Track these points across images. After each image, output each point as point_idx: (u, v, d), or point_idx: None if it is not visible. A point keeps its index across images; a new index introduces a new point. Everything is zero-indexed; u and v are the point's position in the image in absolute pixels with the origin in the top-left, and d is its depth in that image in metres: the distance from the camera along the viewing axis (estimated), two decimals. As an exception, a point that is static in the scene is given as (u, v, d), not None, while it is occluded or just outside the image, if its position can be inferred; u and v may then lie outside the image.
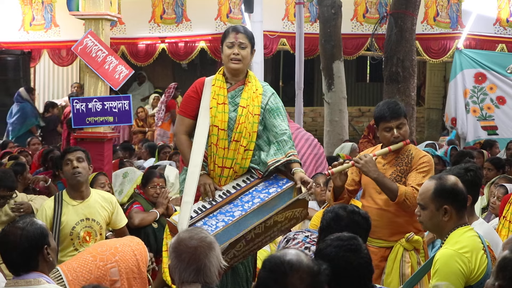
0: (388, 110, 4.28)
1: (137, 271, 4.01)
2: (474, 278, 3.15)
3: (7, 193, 5.12)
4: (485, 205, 6.16)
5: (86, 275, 3.88)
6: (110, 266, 3.95)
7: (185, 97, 4.37)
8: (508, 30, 12.24)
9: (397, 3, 9.67)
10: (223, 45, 4.30)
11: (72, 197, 4.80)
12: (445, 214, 3.24)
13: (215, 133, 4.15)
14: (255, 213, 3.94)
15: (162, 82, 15.89)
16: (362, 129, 13.51)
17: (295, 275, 2.39)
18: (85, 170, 4.79)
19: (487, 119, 11.48)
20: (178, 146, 4.42)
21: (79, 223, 4.75)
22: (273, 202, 4.00)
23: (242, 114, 4.17)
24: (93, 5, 6.58)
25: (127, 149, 9.29)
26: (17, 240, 3.10)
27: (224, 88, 4.25)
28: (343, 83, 10.33)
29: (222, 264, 2.85)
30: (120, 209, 5.09)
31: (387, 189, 4.16)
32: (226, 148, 4.15)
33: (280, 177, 4.17)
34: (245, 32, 4.30)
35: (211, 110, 4.18)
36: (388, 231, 4.26)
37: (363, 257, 2.87)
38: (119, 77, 6.60)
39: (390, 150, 4.27)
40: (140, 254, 4.12)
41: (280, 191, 4.04)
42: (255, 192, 4.09)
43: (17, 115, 11.74)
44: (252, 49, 4.33)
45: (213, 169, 4.18)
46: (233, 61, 4.23)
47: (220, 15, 12.10)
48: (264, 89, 4.31)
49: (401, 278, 4.18)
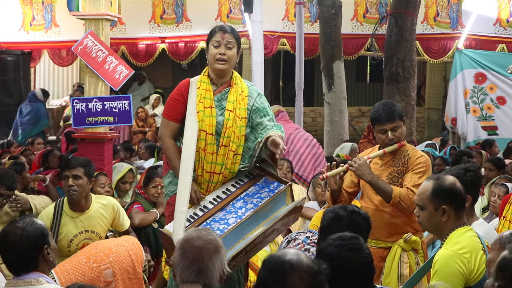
0: (383, 112, 4.27)
1: (132, 271, 4.00)
2: (474, 279, 3.15)
3: (6, 192, 5.11)
4: (485, 205, 6.16)
5: (80, 277, 3.85)
6: (104, 267, 3.93)
7: (170, 100, 4.24)
8: (508, 30, 12.24)
9: (397, 3, 9.68)
10: (209, 44, 4.17)
11: (72, 209, 4.73)
12: (444, 214, 3.24)
13: (203, 138, 4.04)
14: (250, 220, 3.86)
15: (162, 82, 15.90)
16: (362, 129, 13.51)
17: (295, 275, 2.39)
18: (81, 188, 4.68)
19: (487, 119, 11.48)
20: (164, 151, 4.28)
21: (77, 235, 4.68)
22: (267, 208, 3.93)
23: (230, 118, 4.07)
24: (93, 5, 6.57)
25: (127, 149, 9.29)
26: (17, 240, 3.10)
27: (210, 91, 4.13)
28: (343, 83, 10.33)
29: (226, 270, 2.85)
30: (122, 212, 5.03)
31: (382, 191, 4.16)
32: (214, 153, 4.05)
33: (270, 180, 4.09)
34: (232, 32, 4.18)
35: (198, 114, 4.06)
36: (386, 231, 4.26)
37: (365, 257, 2.87)
38: (119, 77, 6.59)
39: (385, 152, 4.28)
40: (135, 255, 4.09)
41: (272, 195, 3.96)
42: (247, 197, 4.00)
43: (30, 115, 11.65)
44: (238, 50, 4.20)
45: (201, 174, 4.08)
46: (219, 62, 4.11)
47: (220, 15, 12.11)
48: (250, 90, 4.20)
49: (400, 278, 4.18)
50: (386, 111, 4.28)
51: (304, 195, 6.24)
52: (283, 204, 3.97)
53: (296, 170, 6.57)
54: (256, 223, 3.87)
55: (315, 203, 6.06)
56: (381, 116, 4.26)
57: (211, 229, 3.00)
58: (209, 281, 2.79)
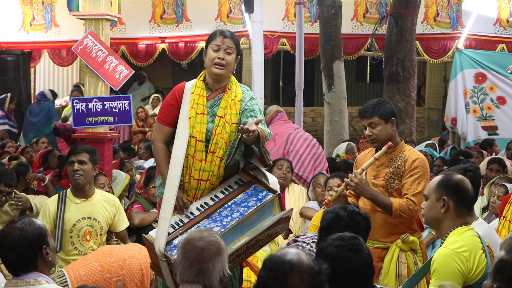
0: (362, 109, 4.34)
1: (141, 286, 4.01)
2: (473, 278, 3.14)
3: (5, 189, 5.12)
4: (485, 205, 6.16)
5: (91, 285, 3.87)
6: (116, 279, 3.95)
7: (164, 104, 4.21)
8: (508, 30, 12.24)
9: (397, 3, 9.68)
10: (208, 48, 4.11)
11: (76, 196, 4.86)
12: (443, 206, 3.25)
13: (193, 145, 3.99)
14: (235, 230, 3.79)
15: (162, 82, 15.90)
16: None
17: (295, 275, 2.38)
18: (86, 173, 4.83)
19: (487, 119, 11.48)
20: (154, 155, 4.25)
21: (80, 220, 4.79)
22: (253, 217, 3.85)
23: (219, 124, 4.02)
24: (93, 5, 6.58)
25: (126, 150, 9.29)
26: (16, 241, 3.10)
27: (203, 97, 4.08)
28: (343, 83, 10.32)
29: (226, 272, 2.84)
30: (123, 212, 5.09)
31: (382, 206, 4.19)
32: (203, 160, 4.00)
33: (259, 188, 4.02)
34: (232, 38, 4.13)
35: (190, 120, 4.01)
36: (383, 232, 4.26)
37: (364, 257, 2.87)
38: (119, 77, 6.60)
39: (376, 159, 4.28)
40: (146, 268, 4.11)
41: (260, 204, 3.89)
42: (234, 205, 3.93)
43: (41, 115, 11.65)
44: (237, 56, 4.14)
45: (188, 181, 4.03)
46: (217, 66, 4.05)
47: (220, 15, 12.10)
48: (244, 95, 4.13)
49: (398, 278, 4.19)
50: (364, 107, 4.34)
51: (304, 195, 6.24)
52: (270, 214, 3.90)
53: (296, 170, 6.56)
54: (241, 233, 3.80)
55: (315, 203, 6.06)
56: (360, 112, 4.36)
57: (214, 231, 2.98)
58: (209, 282, 2.78)
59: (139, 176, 7.02)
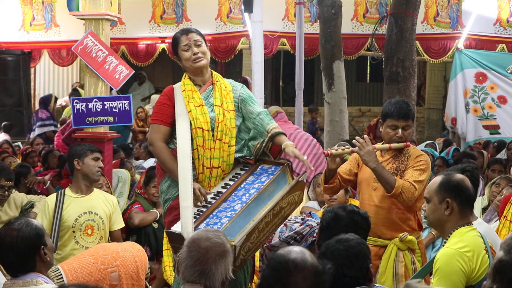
0: (400, 109, 4.29)
1: (136, 277, 4.02)
2: (475, 278, 3.14)
3: (6, 184, 5.15)
4: (485, 205, 6.16)
5: (86, 277, 3.88)
6: (111, 270, 3.95)
7: (158, 106, 4.29)
8: (508, 30, 12.22)
9: (397, 3, 9.66)
10: (179, 52, 4.24)
11: (76, 192, 4.92)
12: (447, 208, 3.24)
13: (200, 135, 4.12)
14: (256, 202, 3.92)
15: (162, 82, 15.89)
16: (362, 129, 13.50)
17: (299, 274, 2.38)
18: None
19: (489, 118, 11.46)
20: (157, 155, 4.26)
21: (82, 215, 4.84)
22: (270, 189, 3.99)
23: (220, 112, 4.17)
24: (93, 5, 6.58)
25: (125, 149, 9.28)
26: (13, 242, 3.09)
27: (196, 91, 4.22)
28: (343, 83, 10.31)
29: (229, 276, 2.83)
30: (119, 211, 5.14)
31: (385, 180, 4.14)
32: (212, 148, 4.13)
33: (266, 166, 4.17)
34: (195, 31, 4.28)
35: (191, 113, 4.14)
36: (383, 228, 4.27)
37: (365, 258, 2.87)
38: (119, 77, 6.60)
39: (391, 147, 4.28)
40: (140, 261, 4.12)
41: (272, 177, 4.04)
42: (247, 185, 4.07)
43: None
44: (206, 44, 4.29)
45: (202, 171, 4.14)
46: (196, 60, 4.19)
47: (220, 15, 12.10)
48: (233, 85, 4.33)
49: (395, 277, 4.18)
50: (403, 109, 4.30)
51: (304, 195, 6.23)
52: (285, 183, 4.04)
53: (297, 171, 6.56)
54: (263, 204, 3.91)
55: (315, 203, 6.07)
56: (396, 112, 4.27)
57: (222, 232, 2.97)
58: (211, 284, 2.77)
59: (138, 176, 7.02)
